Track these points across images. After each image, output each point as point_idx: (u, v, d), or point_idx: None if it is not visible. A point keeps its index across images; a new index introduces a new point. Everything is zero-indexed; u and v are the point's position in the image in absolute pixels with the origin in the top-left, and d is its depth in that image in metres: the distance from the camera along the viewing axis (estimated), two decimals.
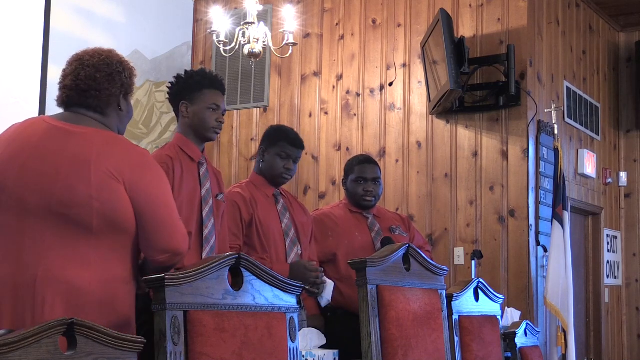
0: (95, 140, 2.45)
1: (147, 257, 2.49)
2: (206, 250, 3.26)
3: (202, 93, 3.33)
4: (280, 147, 3.79)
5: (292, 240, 3.80)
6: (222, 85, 3.42)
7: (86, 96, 2.54)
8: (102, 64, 2.58)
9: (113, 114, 2.58)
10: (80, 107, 2.54)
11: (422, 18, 6.29)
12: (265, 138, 3.88)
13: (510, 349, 3.86)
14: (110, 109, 2.57)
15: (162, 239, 2.45)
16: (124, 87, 2.60)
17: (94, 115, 2.54)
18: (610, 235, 7.30)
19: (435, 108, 5.99)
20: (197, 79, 3.36)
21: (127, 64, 2.65)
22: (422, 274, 3.17)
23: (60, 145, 2.43)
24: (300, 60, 6.71)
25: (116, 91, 2.57)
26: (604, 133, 7.32)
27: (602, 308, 7.09)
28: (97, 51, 2.61)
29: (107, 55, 2.61)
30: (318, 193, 6.46)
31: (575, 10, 6.92)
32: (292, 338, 2.51)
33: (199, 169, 3.35)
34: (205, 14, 6.78)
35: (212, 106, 3.33)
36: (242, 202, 3.71)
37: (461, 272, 5.84)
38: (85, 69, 2.55)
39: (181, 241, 2.49)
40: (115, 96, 2.57)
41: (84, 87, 2.54)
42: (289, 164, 3.80)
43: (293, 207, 3.93)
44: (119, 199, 2.38)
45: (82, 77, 2.54)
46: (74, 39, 6.13)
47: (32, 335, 1.74)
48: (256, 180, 3.85)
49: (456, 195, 6.01)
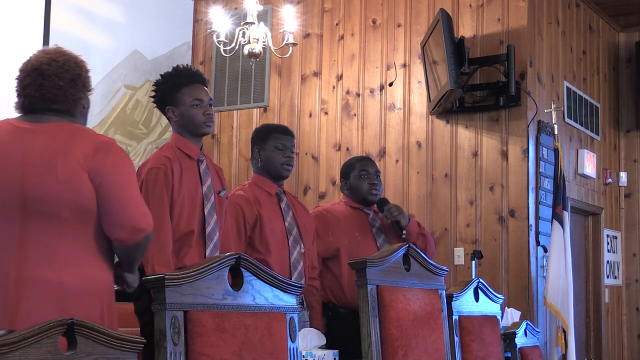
0: (61, 134, 2.52)
1: (110, 237, 2.52)
2: (209, 247, 3.26)
3: (181, 93, 3.32)
4: (273, 139, 3.81)
5: (294, 239, 3.81)
6: (200, 77, 3.40)
7: (52, 101, 2.58)
8: (62, 71, 2.59)
9: (79, 114, 2.65)
10: (46, 111, 2.58)
11: (422, 18, 6.29)
12: (255, 138, 3.91)
13: (510, 349, 3.86)
14: (77, 110, 2.63)
15: (121, 214, 2.49)
16: (85, 86, 2.65)
17: (60, 118, 2.59)
18: (610, 235, 7.30)
19: (435, 108, 5.99)
20: (172, 80, 3.35)
21: (82, 62, 2.67)
22: (422, 274, 3.17)
23: (27, 145, 2.50)
24: (300, 61, 6.71)
25: (81, 94, 2.63)
26: (604, 133, 7.32)
27: (602, 308, 7.09)
28: (51, 58, 2.59)
29: (64, 60, 2.61)
30: (318, 193, 6.46)
31: (575, 10, 6.92)
32: (292, 338, 2.51)
33: (199, 167, 3.35)
34: (205, 14, 6.78)
35: (194, 102, 3.32)
36: (245, 204, 3.72)
37: (461, 272, 5.84)
38: (47, 80, 2.56)
39: (140, 217, 2.52)
40: (80, 98, 2.63)
41: (49, 95, 2.57)
42: (288, 153, 3.82)
43: (295, 206, 3.93)
44: (84, 187, 2.46)
45: (46, 88, 2.56)
46: (74, 39, 6.13)
47: (32, 335, 1.74)
48: (258, 180, 3.86)
49: (456, 195, 6.01)
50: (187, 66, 3.46)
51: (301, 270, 3.79)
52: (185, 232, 3.21)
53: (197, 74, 3.42)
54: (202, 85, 3.39)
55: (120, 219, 2.50)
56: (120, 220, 2.50)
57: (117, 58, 6.41)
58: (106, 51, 6.34)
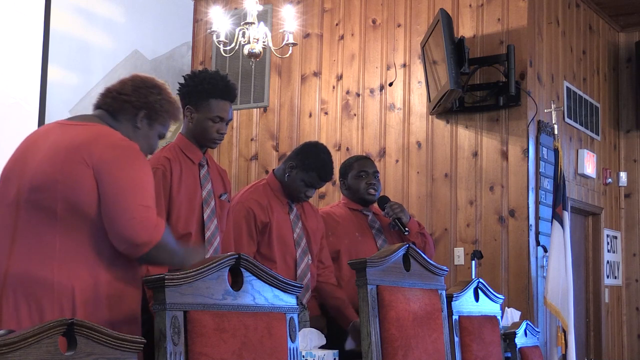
0: (86, 131, 2.46)
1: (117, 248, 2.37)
2: (210, 252, 3.26)
3: (208, 103, 3.25)
4: (309, 176, 3.78)
5: (303, 251, 3.81)
6: (232, 94, 3.31)
7: (107, 96, 2.57)
8: (140, 80, 2.60)
9: (126, 123, 2.57)
10: (98, 108, 2.58)
11: (422, 18, 6.29)
12: (300, 156, 3.82)
13: (510, 349, 3.86)
14: (122, 115, 2.57)
15: (119, 225, 2.32)
16: (147, 104, 2.58)
17: (104, 115, 2.55)
18: (610, 235, 7.30)
19: (435, 108, 5.99)
20: (206, 87, 3.25)
21: (166, 92, 2.63)
22: (422, 274, 3.17)
23: (52, 138, 2.47)
24: (300, 60, 6.71)
25: (135, 101, 2.56)
26: (604, 133, 7.32)
27: (602, 308, 7.09)
28: (148, 80, 2.65)
29: (151, 78, 2.63)
30: (318, 193, 6.46)
31: (575, 10, 6.92)
32: (292, 338, 2.51)
33: (200, 171, 3.34)
34: (205, 14, 6.78)
35: (215, 118, 3.26)
36: (258, 209, 3.71)
37: (461, 272, 5.83)
38: (123, 90, 2.59)
39: (140, 230, 2.32)
40: (131, 105, 2.56)
41: (111, 89, 2.58)
42: (310, 192, 3.84)
43: (305, 212, 3.93)
44: (82, 183, 2.35)
45: (116, 85, 2.60)
46: (74, 39, 6.13)
47: (32, 336, 1.74)
48: (274, 185, 3.85)
49: (456, 195, 6.01)
50: (226, 78, 3.34)
51: (307, 282, 3.80)
52: (183, 234, 3.20)
53: (232, 91, 3.31)
54: (231, 103, 3.32)
55: (118, 230, 2.33)
56: (119, 232, 2.33)
57: (117, 58, 6.41)
58: (106, 51, 6.34)
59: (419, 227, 4.25)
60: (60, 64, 6.01)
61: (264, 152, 6.78)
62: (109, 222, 2.34)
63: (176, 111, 2.67)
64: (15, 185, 2.44)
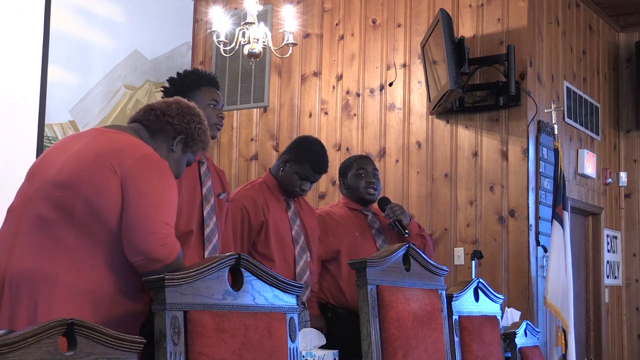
0: (120, 140, 2.46)
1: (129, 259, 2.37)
2: (208, 249, 3.26)
3: (200, 91, 3.31)
4: (303, 168, 3.78)
5: (301, 248, 3.81)
6: (218, 82, 3.43)
7: (149, 114, 2.59)
8: (185, 106, 2.64)
9: (162, 144, 2.58)
10: (135, 121, 2.60)
11: (422, 18, 6.29)
12: (294, 149, 3.85)
13: (510, 349, 3.86)
14: (160, 135, 2.58)
15: (138, 237, 2.32)
16: (187, 131, 2.60)
17: (142, 129, 2.56)
18: (610, 235, 7.30)
19: (435, 108, 5.99)
20: (193, 78, 3.34)
21: (205, 122, 2.68)
22: (422, 274, 3.17)
23: (84, 140, 2.48)
24: (300, 61, 6.71)
25: (177, 125, 2.59)
26: (603, 133, 7.32)
27: (602, 308, 7.09)
28: (192, 108, 2.68)
29: (194, 106, 2.68)
30: (318, 193, 6.46)
31: (575, 10, 6.92)
32: (292, 338, 2.51)
33: (200, 168, 3.35)
34: (205, 14, 6.79)
35: (211, 103, 3.32)
36: (252, 208, 3.71)
37: (461, 272, 5.83)
38: (167, 112, 2.62)
39: (157, 247, 2.32)
40: (172, 127, 2.59)
41: (155, 107, 2.61)
42: (305, 185, 3.83)
43: (303, 210, 3.93)
44: (107, 189, 2.35)
45: (161, 105, 2.63)
46: (74, 39, 6.13)
47: (32, 336, 1.74)
48: (270, 182, 3.85)
49: (456, 195, 6.01)
50: (207, 71, 3.46)
51: (307, 279, 3.79)
52: (184, 232, 3.20)
53: (216, 79, 3.43)
54: (218, 91, 3.41)
55: (136, 242, 2.32)
56: (137, 243, 2.32)
57: (117, 58, 6.41)
58: (106, 51, 6.34)
59: (419, 229, 4.25)
60: (60, 64, 6.01)
61: (264, 152, 6.78)
62: (128, 232, 2.34)
63: (208, 143, 2.73)
64: (38, 181, 2.45)
